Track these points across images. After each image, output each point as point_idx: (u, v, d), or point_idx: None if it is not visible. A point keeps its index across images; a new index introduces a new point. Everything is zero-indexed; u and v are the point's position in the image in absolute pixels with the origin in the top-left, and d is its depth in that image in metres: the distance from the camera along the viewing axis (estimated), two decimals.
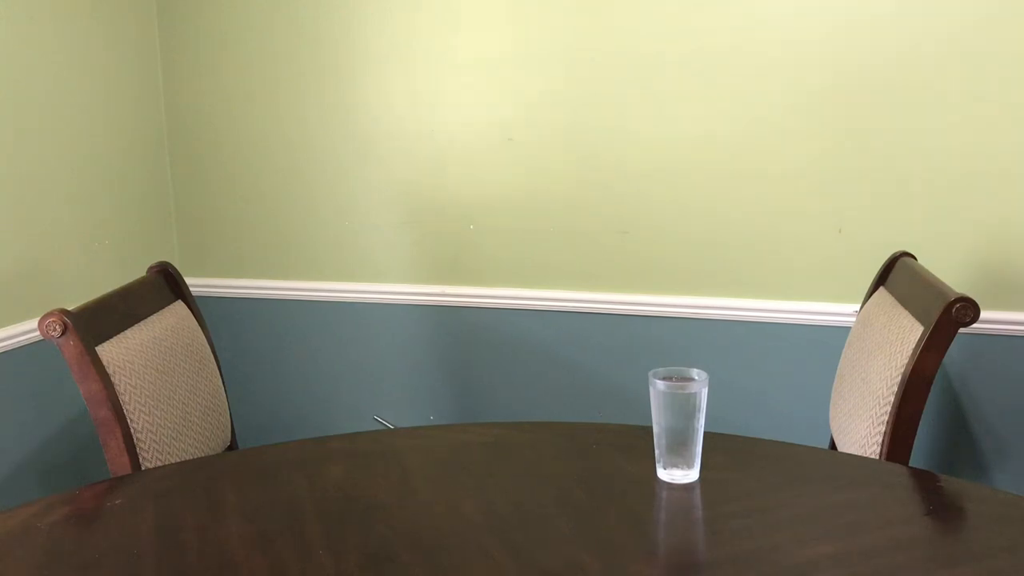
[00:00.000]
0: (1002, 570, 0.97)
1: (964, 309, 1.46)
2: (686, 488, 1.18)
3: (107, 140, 2.26)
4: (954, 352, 1.96)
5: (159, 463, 1.48)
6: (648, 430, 1.22)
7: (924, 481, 1.23)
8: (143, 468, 1.43)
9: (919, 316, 1.47)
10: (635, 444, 1.30)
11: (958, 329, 1.47)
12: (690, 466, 1.19)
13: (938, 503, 1.14)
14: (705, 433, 1.20)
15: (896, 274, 1.71)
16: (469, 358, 2.35)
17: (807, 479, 1.22)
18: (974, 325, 1.50)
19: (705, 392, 1.18)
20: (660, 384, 1.18)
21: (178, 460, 1.52)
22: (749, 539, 1.04)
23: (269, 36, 2.33)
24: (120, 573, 1.00)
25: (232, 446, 1.80)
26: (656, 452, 1.21)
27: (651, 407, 1.19)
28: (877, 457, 1.43)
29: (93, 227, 2.23)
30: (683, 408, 1.17)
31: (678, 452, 1.19)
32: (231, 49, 2.37)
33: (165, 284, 1.75)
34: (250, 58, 2.36)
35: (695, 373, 1.21)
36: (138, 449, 1.44)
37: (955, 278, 1.93)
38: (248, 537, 1.07)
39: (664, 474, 1.20)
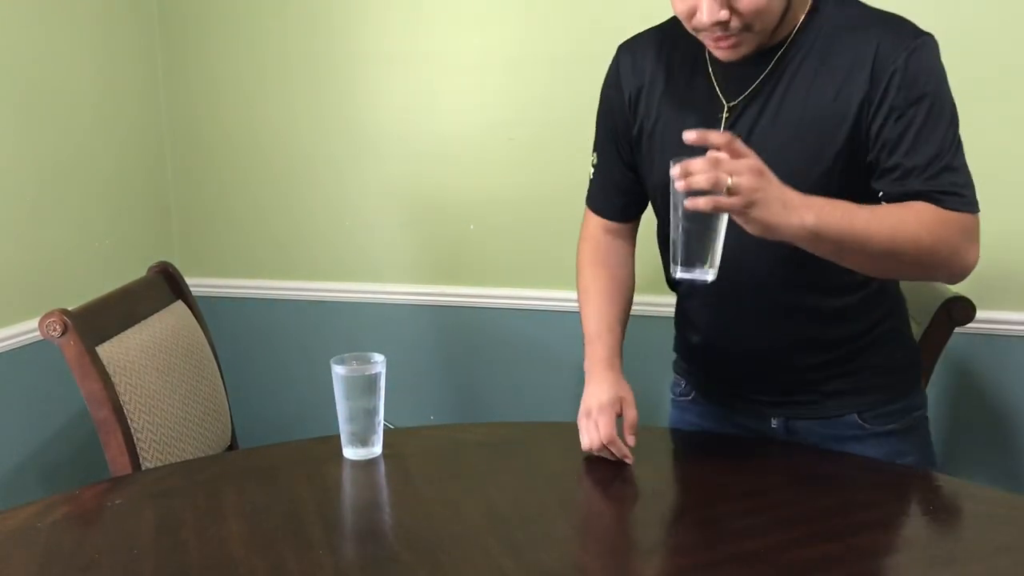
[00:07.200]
0: (1002, 570, 0.97)
1: (960, 308, 1.46)
2: (686, 488, 1.18)
3: (107, 140, 2.26)
4: (953, 352, 1.96)
5: (159, 463, 1.48)
6: (648, 430, 1.22)
7: (924, 481, 1.23)
8: (143, 468, 1.43)
9: (916, 315, 1.48)
10: (635, 444, 1.30)
11: (954, 328, 1.47)
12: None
13: (938, 503, 1.14)
14: (705, 433, 1.20)
15: None
16: (469, 358, 2.35)
17: (807, 479, 1.22)
18: (973, 325, 1.50)
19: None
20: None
21: (178, 460, 1.52)
22: (749, 539, 1.04)
23: (269, 37, 2.33)
24: (120, 573, 1.00)
25: (232, 446, 1.80)
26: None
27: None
28: None
29: (93, 227, 2.22)
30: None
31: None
32: (231, 49, 2.37)
33: (165, 284, 1.75)
34: (250, 58, 2.35)
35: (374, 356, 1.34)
36: (138, 449, 1.44)
37: None
38: (248, 537, 1.07)
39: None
